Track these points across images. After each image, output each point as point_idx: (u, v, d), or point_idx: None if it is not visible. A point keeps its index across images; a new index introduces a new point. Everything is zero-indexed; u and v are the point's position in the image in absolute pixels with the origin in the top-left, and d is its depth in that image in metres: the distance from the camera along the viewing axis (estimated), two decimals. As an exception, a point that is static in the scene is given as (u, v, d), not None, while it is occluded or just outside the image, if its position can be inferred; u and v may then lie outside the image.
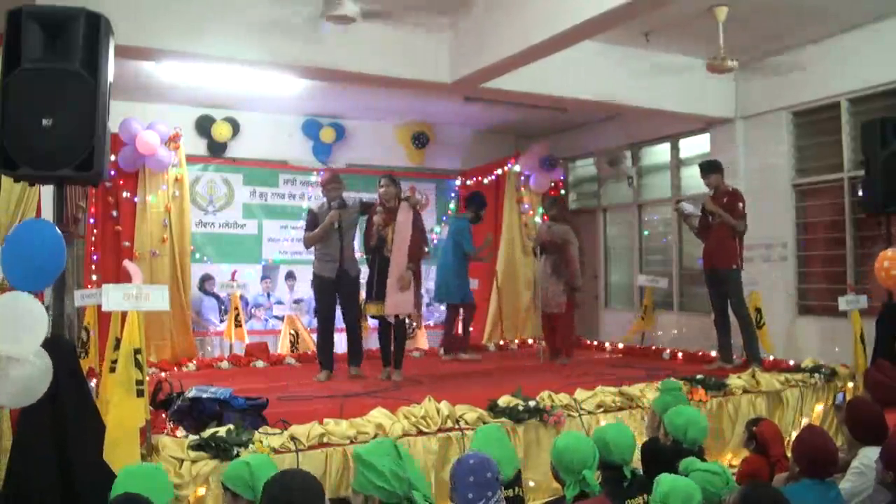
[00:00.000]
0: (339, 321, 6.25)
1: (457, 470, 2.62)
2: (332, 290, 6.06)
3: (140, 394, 3.38)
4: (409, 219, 5.74)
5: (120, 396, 3.36)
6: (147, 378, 3.51)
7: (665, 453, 3.55)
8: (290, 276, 8.67)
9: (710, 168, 6.36)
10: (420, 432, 3.99)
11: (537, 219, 8.69)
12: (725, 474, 2.96)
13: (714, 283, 6.35)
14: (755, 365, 5.89)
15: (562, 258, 7.06)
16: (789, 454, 3.71)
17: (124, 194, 7.23)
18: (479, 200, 7.62)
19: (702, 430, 3.60)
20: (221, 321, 8.08)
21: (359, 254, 6.45)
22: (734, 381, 5.27)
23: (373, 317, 6.12)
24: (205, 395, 4.04)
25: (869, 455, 3.38)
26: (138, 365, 3.37)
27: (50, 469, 3.21)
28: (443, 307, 8.08)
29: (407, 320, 6.21)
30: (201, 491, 3.33)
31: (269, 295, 8.51)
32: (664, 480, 2.74)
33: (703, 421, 3.64)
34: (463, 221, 7.55)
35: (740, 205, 6.15)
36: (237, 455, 3.37)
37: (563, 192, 9.11)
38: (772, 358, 6.29)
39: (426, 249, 5.99)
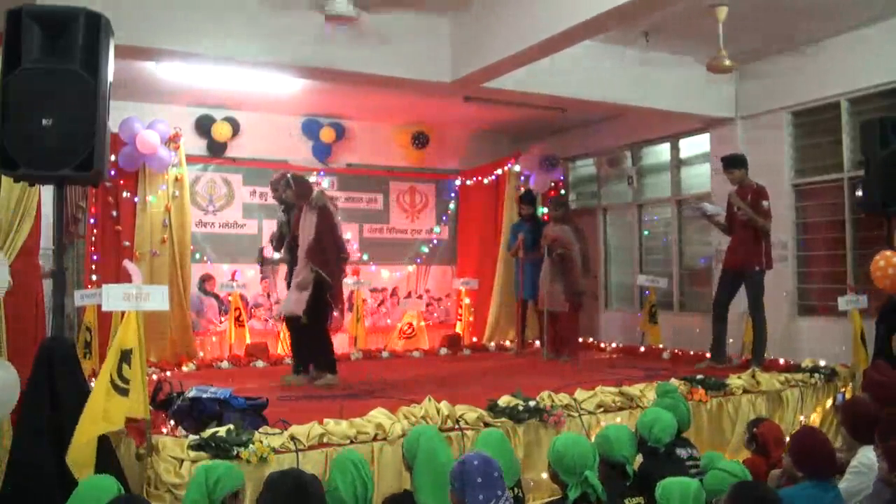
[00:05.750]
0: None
1: (462, 472, 2.56)
2: None
3: (123, 392, 3.27)
4: (311, 221, 5.65)
5: (96, 394, 3.28)
6: (145, 378, 3.49)
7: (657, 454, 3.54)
8: (290, 276, 8.65)
9: (734, 162, 6.27)
10: (420, 432, 3.98)
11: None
12: (744, 475, 2.96)
13: (732, 283, 6.28)
14: (755, 365, 5.90)
15: (565, 259, 7.09)
16: (789, 455, 3.70)
17: (124, 194, 7.24)
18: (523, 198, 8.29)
19: (667, 430, 3.55)
20: (221, 321, 8.08)
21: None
22: (734, 381, 5.26)
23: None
24: (205, 395, 4.04)
25: (868, 455, 3.38)
26: (124, 364, 3.27)
27: (49, 469, 3.21)
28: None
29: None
30: (201, 491, 3.33)
31: (269, 295, 8.50)
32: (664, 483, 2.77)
33: (671, 422, 3.59)
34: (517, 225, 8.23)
35: (765, 203, 6.08)
36: (237, 455, 3.37)
37: (562, 191, 9.11)
38: (771, 358, 6.30)
39: (342, 253, 5.80)
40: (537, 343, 8.05)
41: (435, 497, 2.98)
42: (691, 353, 7.05)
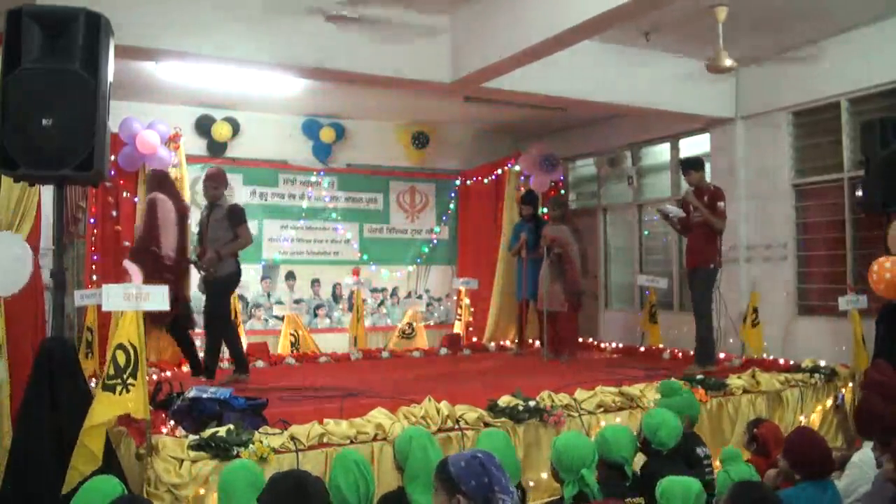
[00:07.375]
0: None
1: (478, 468, 2.38)
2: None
3: (108, 388, 3.25)
4: (149, 210, 5.39)
5: (97, 392, 3.31)
6: (145, 378, 3.49)
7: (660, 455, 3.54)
8: (290, 276, 8.67)
9: (691, 165, 6.33)
10: (420, 432, 3.98)
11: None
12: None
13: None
14: (694, 367, 5.96)
15: (562, 259, 7.10)
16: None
17: (124, 194, 7.23)
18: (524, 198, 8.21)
19: (673, 434, 3.51)
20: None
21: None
22: (734, 381, 5.27)
23: None
24: (205, 395, 4.03)
25: (869, 452, 3.38)
26: (115, 360, 3.27)
27: (48, 468, 3.21)
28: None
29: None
30: (201, 491, 3.33)
31: (269, 295, 8.51)
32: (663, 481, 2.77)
33: (677, 426, 3.56)
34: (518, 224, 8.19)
35: (721, 204, 6.13)
36: (237, 455, 3.37)
37: (562, 191, 9.11)
38: (771, 358, 6.30)
39: (155, 247, 5.40)
40: (537, 343, 8.05)
41: (427, 496, 2.99)
42: (691, 352, 7.04)
